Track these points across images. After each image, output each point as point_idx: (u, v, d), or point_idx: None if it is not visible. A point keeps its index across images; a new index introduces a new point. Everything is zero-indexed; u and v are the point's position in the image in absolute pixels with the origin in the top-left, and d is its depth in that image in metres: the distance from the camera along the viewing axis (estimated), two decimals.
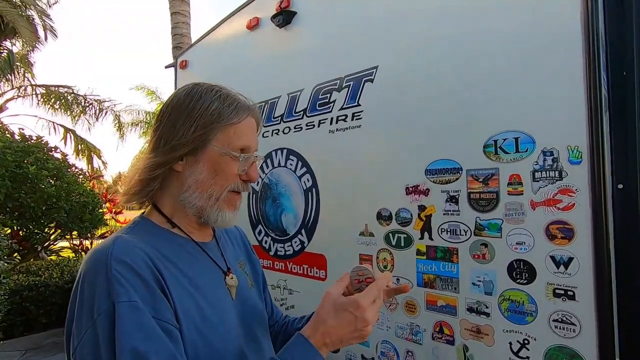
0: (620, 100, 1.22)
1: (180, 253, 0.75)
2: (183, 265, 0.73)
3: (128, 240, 0.69)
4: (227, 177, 0.77)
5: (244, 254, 0.96)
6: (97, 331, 0.60)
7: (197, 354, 0.67)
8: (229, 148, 0.76)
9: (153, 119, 13.25)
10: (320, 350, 0.67)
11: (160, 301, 0.65)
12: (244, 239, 1.02)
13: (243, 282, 0.85)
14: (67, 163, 5.12)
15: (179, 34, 5.94)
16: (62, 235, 5.64)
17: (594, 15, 1.07)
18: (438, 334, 1.36)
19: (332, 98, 1.72)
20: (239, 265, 0.88)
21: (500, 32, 1.24)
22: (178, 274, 0.71)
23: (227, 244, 0.90)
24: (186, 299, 0.69)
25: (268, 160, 2.04)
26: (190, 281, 0.72)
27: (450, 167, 1.33)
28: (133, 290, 0.62)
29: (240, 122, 0.77)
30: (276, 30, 1.98)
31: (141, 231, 0.76)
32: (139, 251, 0.67)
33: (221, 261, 0.83)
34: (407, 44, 1.47)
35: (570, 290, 1.09)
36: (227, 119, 0.75)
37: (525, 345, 1.16)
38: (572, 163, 1.10)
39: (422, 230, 1.40)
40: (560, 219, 1.11)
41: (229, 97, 0.78)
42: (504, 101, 1.22)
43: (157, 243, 0.73)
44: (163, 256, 0.71)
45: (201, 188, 0.76)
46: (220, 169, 0.76)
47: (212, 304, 0.73)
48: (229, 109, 0.76)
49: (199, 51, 2.61)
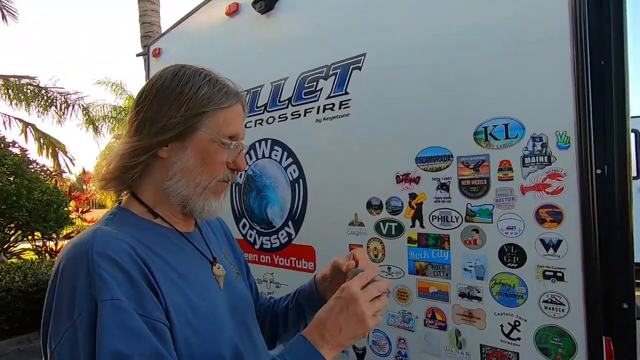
0: (599, 88, 1.26)
1: (165, 244, 0.72)
2: (169, 256, 0.70)
3: (109, 232, 0.64)
4: (216, 165, 0.73)
5: (226, 242, 0.94)
6: (77, 332, 0.55)
7: (190, 348, 0.64)
8: (219, 135, 0.72)
9: (121, 114, 12.67)
10: (317, 344, 0.64)
11: (148, 297, 0.60)
12: (224, 227, 1.00)
13: (229, 271, 0.83)
14: (28, 159, 4.79)
15: (148, 22, 5.66)
16: (24, 236, 5.29)
17: (581, 3, 1.10)
18: (430, 320, 1.37)
19: (318, 86, 1.68)
20: (223, 255, 0.87)
21: (491, 19, 1.24)
22: (165, 266, 0.67)
23: (209, 234, 0.88)
24: (175, 293, 0.66)
25: (252, 151, 1.98)
26: (178, 273, 0.69)
27: (440, 154, 1.34)
28: (117, 286, 0.57)
29: (230, 108, 0.74)
30: (258, 17, 1.91)
31: (121, 222, 0.70)
32: (123, 244, 0.62)
33: (207, 251, 0.80)
34: (396, 30, 1.46)
35: (559, 272, 1.12)
36: (217, 103, 0.72)
37: (516, 326, 1.19)
38: (561, 148, 1.12)
39: (413, 218, 1.40)
40: (549, 202, 1.14)
41: (218, 82, 0.74)
42: (493, 88, 1.23)
43: (139, 234, 0.68)
44: (147, 248, 0.67)
45: (188, 176, 0.72)
46: (209, 156, 0.72)
47: (202, 296, 0.70)
48: (219, 94, 0.72)
49: (174, 39, 2.48)
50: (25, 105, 8.13)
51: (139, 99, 0.74)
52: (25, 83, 8.17)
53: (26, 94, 8.14)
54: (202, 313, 0.68)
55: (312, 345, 0.64)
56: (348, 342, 0.66)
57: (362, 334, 0.67)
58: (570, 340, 1.10)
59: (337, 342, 0.65)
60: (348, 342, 0.66)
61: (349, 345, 0.69)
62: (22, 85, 8.14)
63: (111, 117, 12.54)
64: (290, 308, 0.95)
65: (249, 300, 0.88)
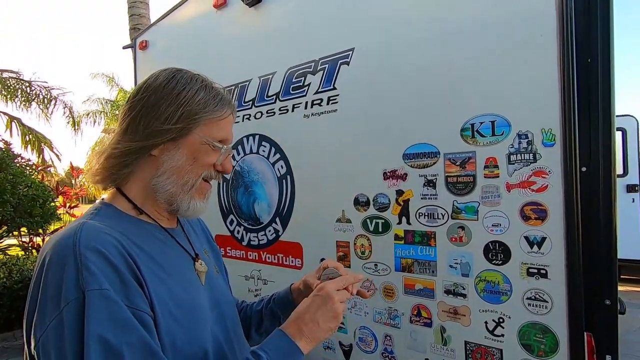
0: (584, 87, 1.26)
1: (149, 239, 0.73)
2: (153, 251, 0.71)
3: (95, 226, 0.65)
4: (204, 165, 0.76)
5: (206, 242, 0.96)
6: (63, 322, 0.56)
7: (173, 340, 0.65)
8: (211, 138, 0.75)
9: (112, 108, 12.50)
10: (295, 337, 0.70)
11: (133, 289, 0.61)
12: (204, 227, 1.01)
13: (210, 268, 0.85)
14: (12, 153, 4.68)
15: (137, 14, 5.55)
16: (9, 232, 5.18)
17: (568, 2, 1.09)
18: (416, 317, 1.37)
19: (306, 81, 1.66)
20: (204, 252, 0.88)
21: (478, 17, 1.23)
22: (148, 260, 0.68)
23: (190, 232, 0.90)
24: (159, 285, 0.67)
25: (239, 147, 1.95)
26: (161, 267, 0.70)
27: (428, 151, 1.33)
28: (104, 277, 0.58)
29: (223, 114, 0.77)
30: (246, 10, 1.88)
31: (106, 217, 0.71)
32: (109, 237, 0.64)
33: (189, 247, 0.82)
34: (384, 25, 1.44)
35: (543, 269, 1.12)
36: (211, 109, 0.75)
37: (500, 323, 1.19)
38: (546, 145, 1.12)
39: (400, 215, 1.40)
40: (534, 200, 1.14)
41: (213, 89, 0.77)
42: (481, 85, 1.23)
43: (124, 229, 0.69)
44: (132, 242, 0.68)
45: (177, 174, 0.74)
46: (200, 157, 0.75)
47: (185, 289, 0.72)
48: (214, 101, 0.76)
49: (161, 31, 2.43)
50: (9, 99, 7.91)
51: (133, 97, 0.75)
52: (7, 77, 7.94)
53: (9, 87, 7.92)
54: (184, 306, 0.70)
55: (289, 338, 0.69)
56: (323, 336, 0.72)
57: (335, 327, 0.74)
58: (553, 337, 1.11)
59: (313, 336, 0.71)
60: (323, 336, 0.72)
61: (322, 340, 0.74)
62: (5, 79, 7.91)
63: (102, 112, 12.39)
64: (264, 313, 0.97)
65: (229, 297, 0.90)
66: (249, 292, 1.90)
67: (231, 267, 1.34)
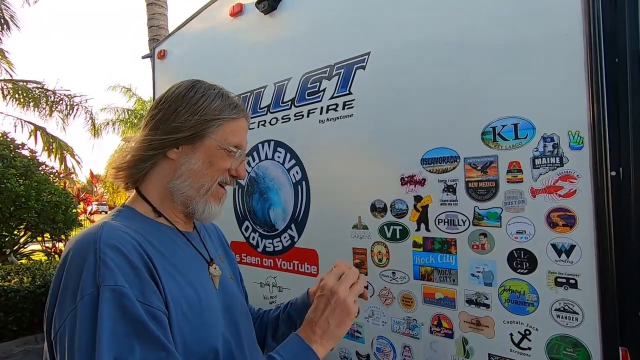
0: (613, 87, 1.21)
1: (165, 241, 0.75)
2: (168, 253, 0.73)
3: (116, 226, 0.68)
4: (219, 169, 0.79)
5: (221, 248, 0.97)
6: (77, 315, 0.58)
7: (184, 337, 0.67)
8: (226, 143, 0.78)
9: (131, 116, 12.97)
10: (310, 340, 0.71)
11: (149, 286, 0.63)
12: (220, 234, 1.03)
13: (224, 273, 0.86)
14: (37, 161, 4.84)
15: (156, 25, 5.71)
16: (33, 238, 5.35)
17: (594, 1, 1.05)
18: (436, 328, 1.32)
19: (321, 87, 1.65)
20: (219, 258, 0.89)
21: (499, 16, 1.20)
22: (164, 260, 0.70)
23: (206, 237, 0.91)
24: (173, 285, 0.69)
25: (254, 153, 1.95)
26: (175, 268, 0.72)
27: (447, 155, 1.29)
28: (121, 274, 0.61)
29: (237, 120, 0.81)
30: (261, 17, 1.89)
31: (126, 218, 0.74)
32: (127, 236, 0.66)
33: (204, 252, 0.84)
34: (400, 28, 1.42)
35: (572, 279, 1.07)
36: (227, 115, 0.79)
37: (527, 335, 1.14)
38: (573, 149, 1.07)
39: (419, 222, 1.36)
40: (561, 206, 1.08)
41: (229, 97, 0.82)
42: (502, 86, 1.19)
43: (142, 230, 0.72)
44: (149, 242, 0.70)
45: (193, 177, 0.77)
46: (215, 161, 0.78)
47: (198, 291, 0.73)
48: (229, 107, 0.80)
49: (178, 40, 2.48)
50: (34, 108, 8.27)
51: (158, 102, 0.80)
52: (32, 87, 8.31)
53: (34, 97, 8.28)
54: (196, 306, 0.71)
55: (304, 342, 0.71)
56: (338, 334, 0.73)
57: (349, 320, 0.74)
58: (585, 351, 1.04)
59: (328, 335, 0.72)
60: (338, 334, 0.73)
61: (339, 338, 0.74)
62: (30, 89, 8.28)
63: (120, 120, 12.86)
64: (281, 319, 0.98)
65: (242, 302, 0.90)
66: (264, 299, 1.88)
67: (246, 273, 1.33)
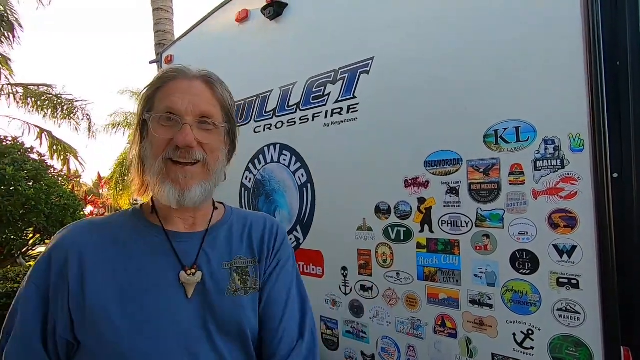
0: (613, 90, 1.22)
1: (136, 240, 0.74)
2: (129, 253, 0.72)
3: (78, 224, 0.76)
4: (159, 144, 0.70)
5: (249, 252, 0.81)
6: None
7: (101, 342, 0.66)
8: (156, 111, 0.72)
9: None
10: None
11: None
12: (266, 236, 0.84)
13: (218, 284, 0.74)
14: (46, 164, 4.91)
15: (162, 30, 5.78)
16: (42, 240, 5.42)
17: (593, 4, 1.07)
18: (440, 328, 1.34)
19: (326, 91, 1.68)
20: (224, 265, 0.77)
21: (500, 20, 1.22)
22: (117, 265, 0.71)
23: (218, 240, 0.79)
24: (104, 287, 0.69)
25: (260, 156, 1.99)
26: (128, 275, 0.70)
27: (450, 158, 1.31)
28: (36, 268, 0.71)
29: (165, 86, 0.73)
30: (267, 23, 1.93)
31: (119, 214, 0.79)
32: (68, 234, 0.73)
33: (188, 256, 0.74)
34: (404, 34, 1.45)
35: (574, 279, 1.08)
36: (150, 89, 0.74)
37: (530, 335, 1.15)
38: (574, 151, 1.09)
39: (422, 223, 1.38)
40: (562, 207, 1.10)
41: (168, 67, 0.77)
42: (504, 90, 1.21)
43: (117, 229, 0.75)
44: (115, 244, 0.72)
45: (147, 162, 0.72)
46: (152, 137, 0.71)
47: (145, 302, 0.69)
48: (157, 79, 0.75)
49: (185, 46, 2.53)
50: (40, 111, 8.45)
51: None
52: (42, 91, 8.49)
53: (44, 101, 8.46)
54: (134, 318, 0.68)
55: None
56: None
57: None
58: (587, 350, 1.06)
59: None
60: None
61: None
62: (40, 94, 8.46)
63: (128, 124, 13.15)
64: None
65: (230, 318, 0.74)
66: None
67: None
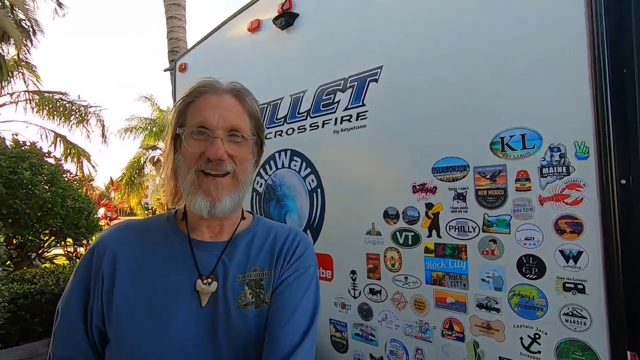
0: (620, 97, 1.24)
1: (164, 248, 0.78)
2: (153, 258, 0.77)
3: (116, 227, 0.83)
4: (191, 156, 0.74)
5: (267, 264, 0.80)
6: None
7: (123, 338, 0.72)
8: (189, 126, 0.75)
9: (150, 124, 13.66)
10: None
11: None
12: (285, 246, 0.83)
13: (230, 296, 0.75)
14: (62, 168, 5.06)
15: (175, 37, 5.92)
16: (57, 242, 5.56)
17: (598, 13, 1.10)
18: (448, 331, 1.36)
19: (336, 98, 1.73)
20: (238, 277, 0.77)
21: (506, 30, 1.26)
22: (144, 268, 0.76)
23: (238, 251, 0.80)
24: (134, 293, 0.74)
25: (271, 161, 2.04)
26: (152, 279, 0.75)
27: (457, 164, 1.34)
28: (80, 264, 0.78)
29: (196, 101, 0.76)
30: (278, 32, 1.99)
31: (156, 218, 0.85)
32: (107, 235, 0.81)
33: (207, 265, 0.77)
34: (412, 43, 1.49)
35: (580, 284, 1.10)
36: (182, 103, 0.77)
37: (537, 339, 1.17)
38: (579, 158, 1.11)
39: (430, 228, 1.41)
40: (568, 213, 1.12)
41: (200, 81, 0.78)
42: (510, 98, 1.24)
43: (151, 233, 0.81)
44: (146, 247, 0.78)
45: (180, 173, 0.76)
46: (186, 151, 0.75)
47: (162, 299, 0.73)
48: (189, 93, 0.77)
49: (199, 54, 2.61)
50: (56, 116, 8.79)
51: None
52: (58, 98, 8.82)
53: (57, 107, 8.80)
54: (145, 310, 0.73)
55: None
56: None
57: None
58: (593, 355, 1.07)
59: None
60: None
61: None
62: (55, 100, 8.78)
63: (142, 128, 13.51)
64: None
65: (238, 333, 0.74)
66: None
67: None
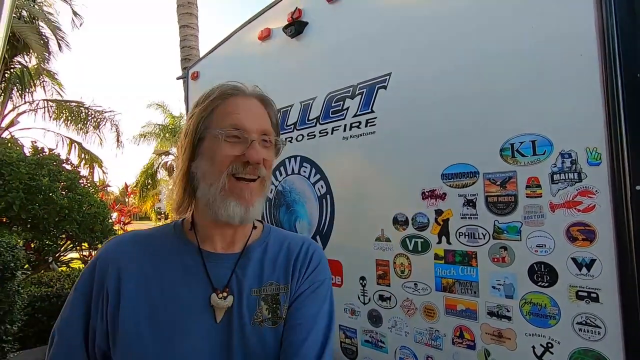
0: (633, 102, 1.22)
1: (172, 260, 0.74)
2: (161, 271, 0.73)
3: (122, 236, 0.79)
4: (223, 160, 0.70)
5: (282, 278, 0.77)
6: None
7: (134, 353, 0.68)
8: (218, 127, 0.71)
9: (163, 130, 14.00)
10: None
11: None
12: (300, 259, 0.80)
13: (246, 312, 0.72)
14: (79, 175, 5.19)
15: (188, 46, 6.05)
16: (73, 246, 5.69)
17: (608, 18, 1.09)
18: (458, 339, 1.35)
19: (345, 105, 1.75)
20: (253, 292, 0.74)
21: (516, 34, 1.25)
22: (152, 281, 0.72)
23: (254, 262, 0.77)
24: (142, 308, 0.70)
25: (281, 167, 2.06)
26: (160, 293, 0.71)
27: (466, 171, 1.34)
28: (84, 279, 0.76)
29: (226, 101, 0.74)
30: (288, 41, 2.02)
31: (162, 228, 0.81)
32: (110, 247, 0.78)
33: (221, 278, 0.73)
34: (420, 49, 1.50)
35: (594, 292, 1.08)
36: (213, 104, 0.73)
37: (549, 348, 1.15)
38: (591, 164, 1.10)
39: (440, 235, 1.40)
40: (580, 220, 1.11)
41: (223, 85, 0.76)
42: (520, 104, 1.23)
43: (157, 244, 0.77)
44: (152, 259, 0.74)
45: (205, 180, 0.71)
46: (217, 153, 0.70)
47: (174, 323, 0.69)
48: (218, 95, 0.74)
49: (210, 62, 2.66)
50: (72, 123, 9.17)
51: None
52: (74, 106, 9.19)
53: (73, 115, 9.16)
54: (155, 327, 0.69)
55: None
56: None
57: None
58: None
59: None
60: None
61: None
62: (71, 107, 9.15)
63: (155, 134, 13.85)
64: None
65: (258, 353, 0.71)
66: None
67: None
